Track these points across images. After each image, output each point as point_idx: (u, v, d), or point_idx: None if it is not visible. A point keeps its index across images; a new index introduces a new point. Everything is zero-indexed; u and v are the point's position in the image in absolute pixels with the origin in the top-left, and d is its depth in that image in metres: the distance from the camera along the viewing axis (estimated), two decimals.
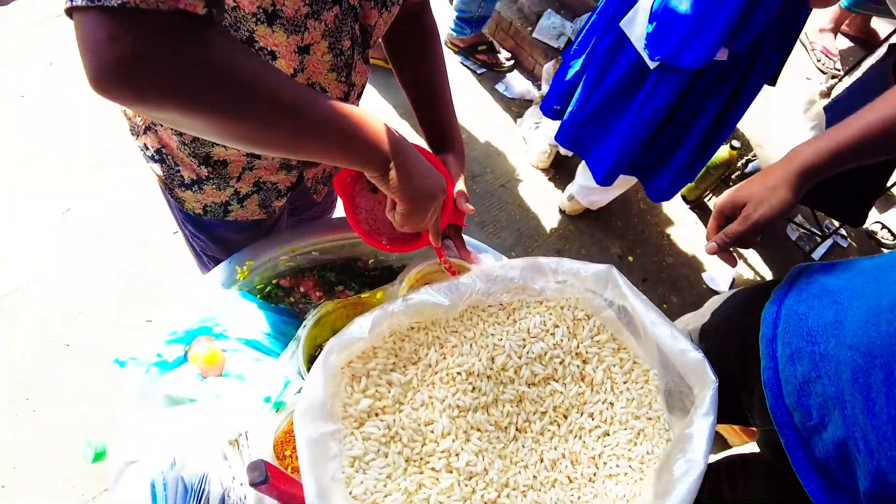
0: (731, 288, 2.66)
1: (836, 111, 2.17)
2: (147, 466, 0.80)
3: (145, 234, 2.18)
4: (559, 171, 2.78)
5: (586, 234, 2.65)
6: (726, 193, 0.94)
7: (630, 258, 2.63)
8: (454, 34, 2.94)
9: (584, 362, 0.87)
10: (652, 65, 1.80)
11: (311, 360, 1.08)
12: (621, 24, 1.80)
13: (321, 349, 1.10)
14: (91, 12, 0.45)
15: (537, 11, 2.99)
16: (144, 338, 1.05)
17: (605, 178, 2.12)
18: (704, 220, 2.88)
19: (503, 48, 3.10)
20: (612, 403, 0.86)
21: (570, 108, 2.11)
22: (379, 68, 2.67)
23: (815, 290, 0.91)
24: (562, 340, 0.85)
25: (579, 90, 2.06)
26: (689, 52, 1.65)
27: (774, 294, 0.96)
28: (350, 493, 0.69)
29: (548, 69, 2.77)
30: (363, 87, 0.98)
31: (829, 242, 2.91)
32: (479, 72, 3.02)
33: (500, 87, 3.00)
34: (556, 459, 0.84)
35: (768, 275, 2.78)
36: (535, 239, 2.56)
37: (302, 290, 1.26)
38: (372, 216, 1.06)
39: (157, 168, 1.05)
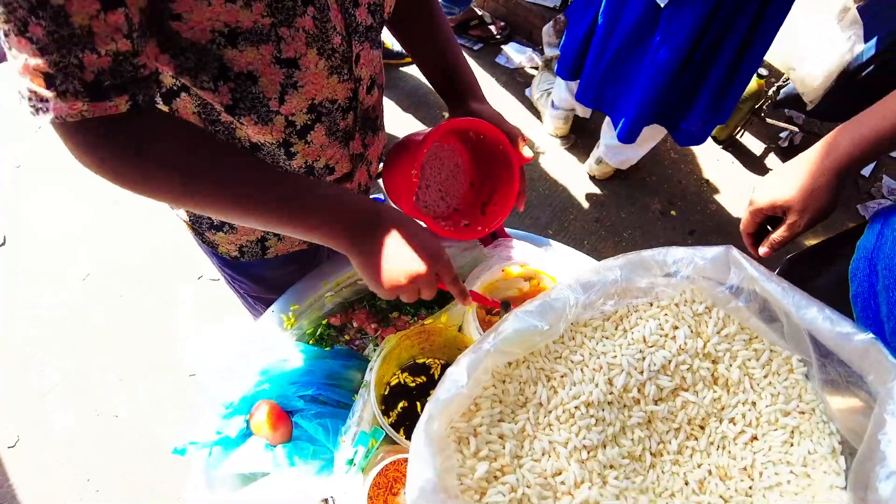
0: None
1: (873, 13, 1.99)
2: None
3: (170, 290, 2.08)
4: (580, 136, 2.63)
5: (622, 195, 2.50)
6: (763, 193, 0.90)
7: (672, 212, 2.48)
8: None
9: (714, 363, 0.74)
10: (662, 2, 1.65)
11: (383, 401, 0.96)
12: None
13: (390, 387, 1.00)
14: (54, 123, 0.54)
15: None
16: (200, 414, 0.94)
17: (629, 133, 1.98)
18: (740, 159, 2.71)
19: (495, 19, 2.94)
20: (754, 403, 0.73)
21: (586, 64, 1.97)
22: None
23: None
24: (685, 343, 0.72)
25: (593, 44, 1.91)
26: None
27: (861, 248, 0.89)
28: None
29: (547, 31, 2.60)
30: (374, 77, 0.88)
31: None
32: (475, 48, 2.87)
33: (500, 59, 2.85)
34: (702, 479, 0.71)
35: None
36: (570, 212, 2.42)
37: (355, 324, 1.14)
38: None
39: (182, 213, 0.99)
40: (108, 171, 0.58)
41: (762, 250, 0.94)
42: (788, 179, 0.87)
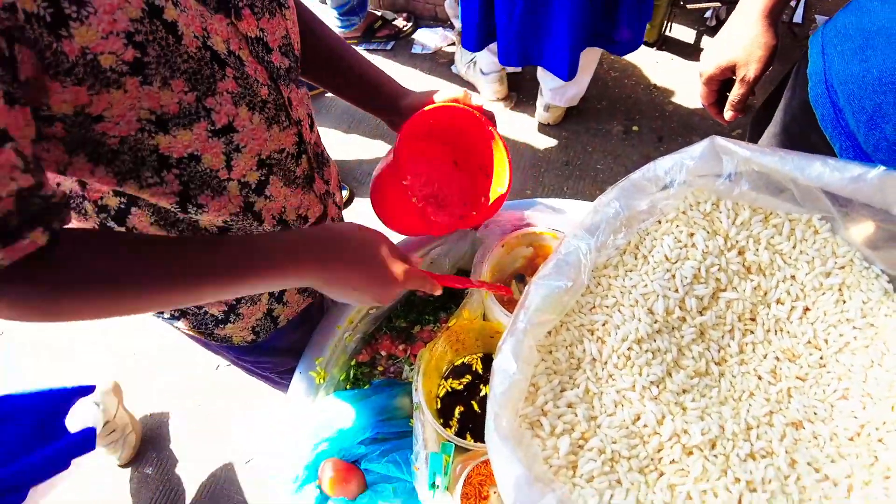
0: None
1: None
2: None
3: (194, 389, 2.04)
4: (521, 92, 2.61)
5: (581, 131, 2.49)
6: (708, 60, 0.95)
7: (635, 128, 2.47)
8: (346, 31, 2.75)
9: (741, 253, 0.72)
10: None
11: (439, 415, 0.95)
12: None
13: (440, 398, 0.98)
14: None
15: None
16: (273, 497, 0.92)
17: (570, 68, 1.96)
18: (678, 53, 2.71)
19: (397, 13, 2.91)
20: (793, 277, 0.72)
21: (498, 27, 1.94)
22: None
23: (855, 43, 0.83)
24: (706, 246, 0.70)
25: (498, 6, 1.89)
26: None
27: (813, 75, 0.92)
28: None
29: (450, 4, 2.58)
30: (309, 115, 0.86)
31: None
32: (388, 48, 2.84)
33: (416, 49, 2.82)
34: (773, 368, 0.70)
35: None
36: (539, 166, 2.40)
37: (383, 353, 1.12)
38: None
39: (181, 324, 0.96)
40: (34, 312, 0.55)
41: (728, 115, 0.97)
42: (725, 41, 0.92)
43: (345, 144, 2.54)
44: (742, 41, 0.90)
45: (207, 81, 0.60)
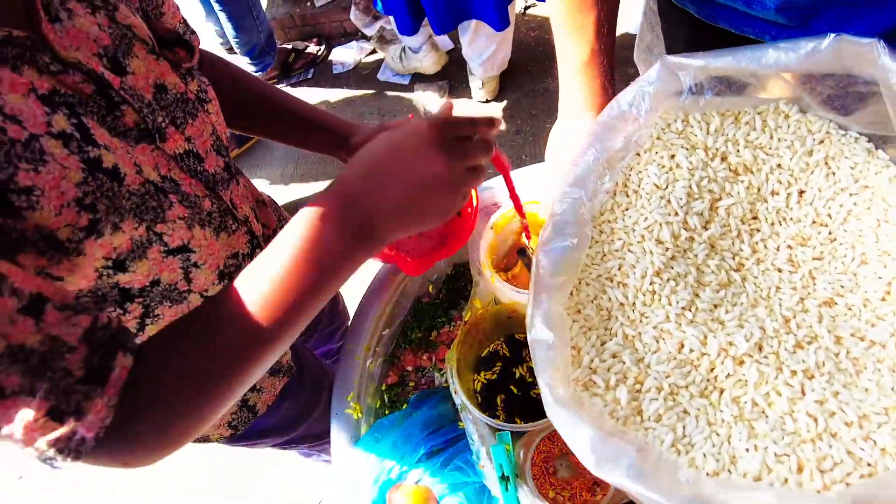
0: None
1: None
2: None
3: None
4: (455, 79, 2.61)
5: (521, 96, 2.50)
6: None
7: None
8: (263, 73, 2.72)
9: (724, 159, 0.73)
10: None
11: (485, 408, 0.94)
12: None
13: (478, 392, 0.97)
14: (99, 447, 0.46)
15: None
16: None
17: (501, 16, 2.02)
18: None
19: (306, 41, 2.89)
20: (779, 165, 0.73)
21: (424, 3, 2.01)
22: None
23: None
24: (690, 162, 0.71)
25: None
26: None
27: None
28: (703, 473, 0.55)
29: (355, 15, 2.57)
30: (256, 201, 0.86)
31: None
32: (309, 77, 2.82)
33: (336, 69, 2.80)
34: (789, 258, 0.71)
35: None
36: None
37: (410, 368, 1.11)
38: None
39: None
40: (162, 446, 0.50)
41: None
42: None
43: (294, 184, 2.52)
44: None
45: (154, 212, 0.59)
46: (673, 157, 0.72)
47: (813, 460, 0.55)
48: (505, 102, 2.49)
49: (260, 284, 0.51)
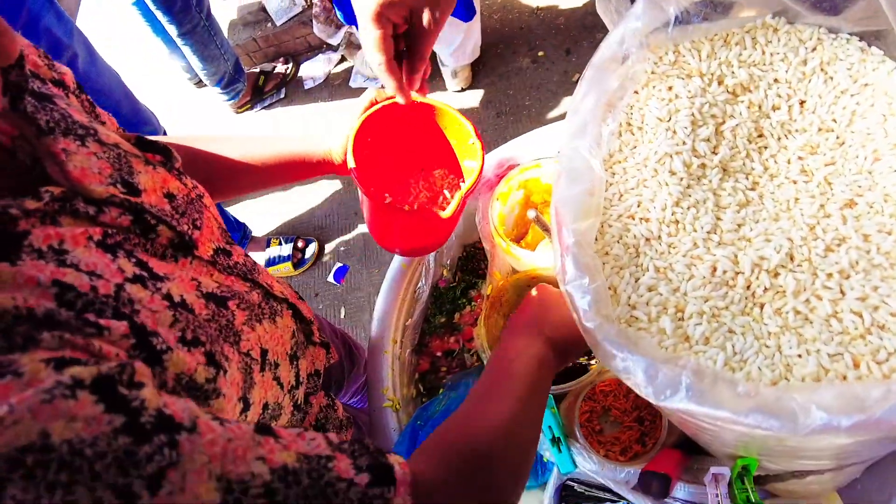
0: None
1: None
2: None
3: None
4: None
5: (495, 80, 2.50)
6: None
7: (540, 54, 2.49)
8: (235, 101, 2.72)
9: (720, 82, 0.73)
10: None
11: None
12: None
13: None
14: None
15: (255, 11, 2.77)
16: None
17: (467, 7, 2.01)
18: None
19: (273, 61, 2.88)
20: (776, 80, 0.73)
21: None
22: None
23: None
24: (688, 91, 0.71)
25: None
26: None
27: None
28: (761, 385, 0.55)
29: (319, 28, 2.57)
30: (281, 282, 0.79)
31: None
32: (282, 97, 2.81)
33: (308, 85, 2.80)
34: (802, 168, 0.71)
35: None
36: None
37: (439, 354, 1.11)
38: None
39: None
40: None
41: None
42: None
43: (288, 202, 2.51)
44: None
45: (227, 328, 0.56)
46: (670, 88, 0.72)
47: (867, 354, 0.55)
48: (482, 90, 2.49)
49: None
